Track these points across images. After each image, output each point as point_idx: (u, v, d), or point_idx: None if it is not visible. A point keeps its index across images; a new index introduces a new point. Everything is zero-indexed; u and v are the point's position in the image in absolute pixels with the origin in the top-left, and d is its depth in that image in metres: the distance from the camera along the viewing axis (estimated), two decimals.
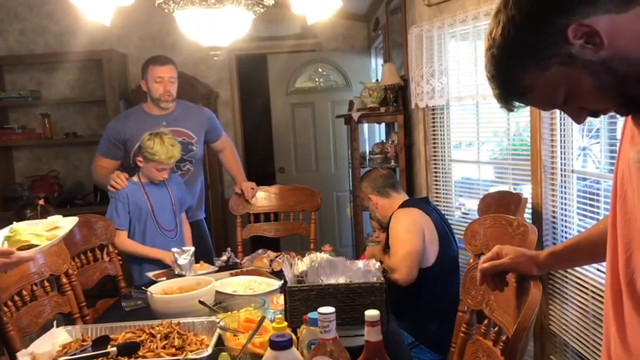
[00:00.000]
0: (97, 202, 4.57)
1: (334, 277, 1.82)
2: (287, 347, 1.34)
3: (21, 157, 4.99)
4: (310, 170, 5.28)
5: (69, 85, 4.88)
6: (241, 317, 1.77)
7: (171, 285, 2.22)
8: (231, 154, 3.47)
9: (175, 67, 3.16)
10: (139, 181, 2.86)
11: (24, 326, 1.97)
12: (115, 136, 3.12)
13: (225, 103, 5.13)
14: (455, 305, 2.42)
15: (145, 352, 1.66)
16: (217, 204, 4.81)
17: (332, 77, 5.20)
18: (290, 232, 3.41)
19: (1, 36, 4.85)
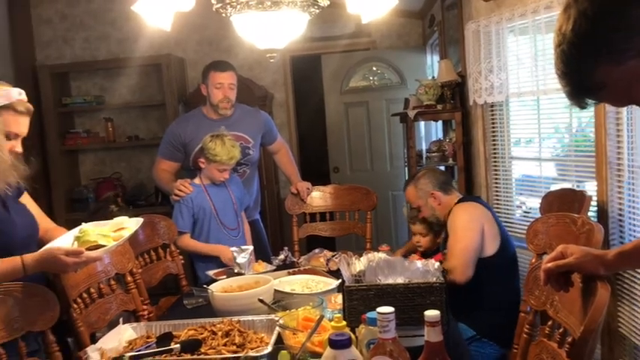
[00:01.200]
0: (159, 202, 4.70)
1: (392, 277, 1.81)
2: (346, 346, 1.34)
3: (86, 160, 5.19)
4: (365, 169, 5.27)
5: (130, 90, 5.04)
6: (300, 316, 1.78)
7: (231, 283, 2.26)
8: (286, 156, 3.51)
9: (235, 73, 3.20)
10: (201, 184, 2.93)
11: (92, 322, 2.04)
12: (175, 139, 3.20)
13: (280, 105, 5.18)
14: (515, 299, 2.37)
15: (206, 349, 1.70)
16: (273, 204, 4.86)
17: (386, 75, 5.16)
18: (346, 232, 3.42)
19: (67, 44, 5.05)
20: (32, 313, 1.63)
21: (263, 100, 4.71)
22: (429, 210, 2.75)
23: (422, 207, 2.77)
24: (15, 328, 1.59)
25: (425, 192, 2.74)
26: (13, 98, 1.80)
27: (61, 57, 5.04)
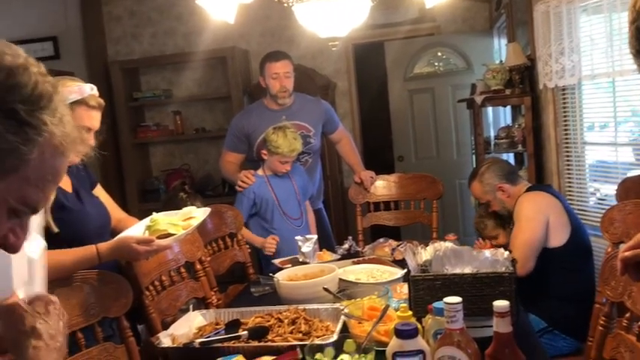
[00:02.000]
0: (226, 192, 4.79)
1: (460, 267, 1.77)
2: (413, 336, 1.33)
3: (156, 152, 5.36)
4: (431, 157, 5.18)
5: (196, 83, 5.15)
6: (365, 305, 1.78)
7: (297, 272, 2.28)
8: (349, 145, 3.50)
9: (290, 61, 3.22)
10: (264, 175, 2.98)
11: (163, 309, 2.11)
12: (239, 130, 3.27)
13: (342, 93, 5.16)
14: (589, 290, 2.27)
15: (273, 337, 1.72)
16: (337, 193, 4.87)
17: (452, 61, 5.04)
18: (411, 221, 3.37)
19: (136, 40, 5.22)
20: (107, 299, 1.70)
21: (325, 90, 4.71)
22: (498, 204, 2.67)
23: (491, 201, 2.69)
24: (91, 314, 1.66)
25: (492, 186, 2.65)
26: (86, 93, 1.87)
27: (131, 53, 5.21)
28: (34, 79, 0.72)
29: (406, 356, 1.33)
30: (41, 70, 0.74)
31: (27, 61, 0.72)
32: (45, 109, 0.72)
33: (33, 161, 0.71)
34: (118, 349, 1.73)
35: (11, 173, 0.70)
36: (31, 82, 0.71)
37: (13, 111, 0.69)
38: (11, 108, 0.69)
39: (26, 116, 0.70)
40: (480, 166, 2.81)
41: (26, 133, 0.70)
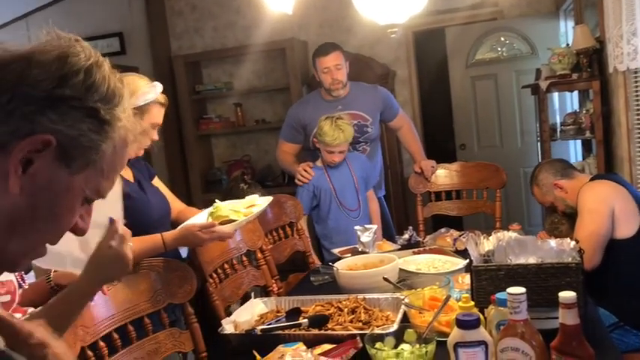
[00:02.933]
0: (285, 183, 4.84)
1: (524, 257, 1.72)
2: (475, 326, 1.31)
3: (218, 143, 5.47)
4: (494, 146, 5.05)
5: (256, 75, 5.22)
6: (426, 295, 1.76)
7: (356, 261, 2.28)
8: (409, 132, 3.44)
9: (341, 52, 3.19)
10: (322, 165, 2.98)
11: (226, 296, 2.16)
12: (295, 121, 3.29)
13: (402, 82, 5.10)
14: None
15: (333, 325, 1.73)
16: (397, 183, 4.83)
17: (516, 46, 4.88)
18: (473, 211, 3.30)
19: (198, 34, 5.33)
20: (173, 286, 1.76)
21: (385, 78, 4.66)
22: (560, 202, 2.57)
23: (554, 202, 2.59)
24: (158, 300, 1.72)
25: (548, 186, 2.56)
26: (159, 92, 1.94)
27: (193, 47, 5.32)
28: (107, 76, 0.76)
29: (468, 347, 1.31)
30: (110, 66, 0.78)
31: (99, 59, 0.76)
32: (118, 105, 0.76)
33: (107, 155, 0.76)
34: (183, 335, 1.78)
35: (90, 167, 0.75)
36: (105, 80, 0.75)
37: (94, 110, 0.73)
38: (91, 107, 0.73)
39: (105, 115, 0.74)
40: (534, 170, 2.72)
41: (105, 131, 0.75)
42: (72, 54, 0.74)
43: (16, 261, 0.77)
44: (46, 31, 0.76)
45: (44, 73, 0.71)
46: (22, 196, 0.72)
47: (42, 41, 0.75)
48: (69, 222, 0.78)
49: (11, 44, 0.74)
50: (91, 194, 0.78)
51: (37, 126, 0.70)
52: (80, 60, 0.74)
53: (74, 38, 0.76)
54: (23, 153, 0.70)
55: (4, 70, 0.71)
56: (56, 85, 0.71)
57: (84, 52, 0.75)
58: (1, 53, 0.73)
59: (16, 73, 0.71)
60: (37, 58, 0.72)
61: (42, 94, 0.71)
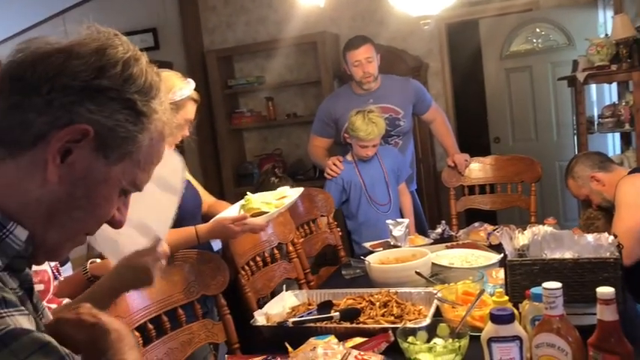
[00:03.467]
0: (317, 177, 4.84)
1: (559, 252, 1.68)
2: (509, 321, 1.29)
3: (250, 137, 5.50)
4: (529, 139, 4.96)
5: (288, 69, 5.22)
6: (459, 290, 1.75)
7: (388, 255, 2.27)
8: (443, 125, 3.41)
9: (371, 45, 3.17)
10: (352, 160, 2.97)
11: (258, 289, 2.17)
12: (327, 115, 3.28)
13: (435, 74, 5.04)
14: None
15: (365, 319, 1.73)
16: (429, 176, 4.78)
17: (552, 37, 4.78)
18: (507, 205, 3.25)
19: (230, 28, 5.36)
20: (206, 278, 1.77)
21: (417, 71, 4.62)
22: (596, 196, 2.50)
23: (589, 195, 2.53)
24: (191, 291, 1.74)
25: (584, 178, 2.49)
26: (192, 89, 1.97)
27: (225, 41, 5.35)
28: (144, 69, 0.77)
29: (502, 342, 1.29)
30: (147, 60, 0.79)
31: (136, 53, 0.78)
32: (155, 98, 0.78)
33: (144, 147, 0.78)
34: (216, 326, 1.80)
35: (127, 158, 0.76)
36: (142, 73, 0.76)
37: (131, 101, 0.75)
38: (129, 98, 0.75)
39: (142, 106, 0.76)
40: (569, 162, 2.65)
41: (142, 123, 0.76)
42: (110, 46, 0.75)
43: (55, 250, 0.79)
44: (86, 25, 0.78)
45: (83, 65, 0.73)
46: (61, 185, 0.73)
47: (82, 35, 0.77)
48: (107, 212, 0.79)
49: (53, 38, 0.76)
50: (127, 186, 0.79)
51: (76, 116, 0.72)
52: (118, 52, 0.75)
53: (113, 32, 0.78)
54: (62, 143, 0.72)
55: (45, 62, 0.72)
56: (94, 77, 0.73)
57: (122, 46, 0.76)
58: (43, 46, 0.74)
59: (56, 65, 0.72)
60: (76, 50, 0.74)
61: (80, 84, 0.72)
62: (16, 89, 0.72)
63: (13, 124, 0.72)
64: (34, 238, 0.75)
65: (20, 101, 0.72)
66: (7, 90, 0.73)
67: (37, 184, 0.73)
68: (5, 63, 0.75)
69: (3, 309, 0.64)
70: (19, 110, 0.72)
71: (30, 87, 0.72)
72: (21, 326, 0.64)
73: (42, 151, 0.72)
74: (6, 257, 0.72)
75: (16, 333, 0.62)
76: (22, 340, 0.62)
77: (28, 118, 0.72)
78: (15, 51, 0.75)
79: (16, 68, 0.73)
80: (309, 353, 1.37)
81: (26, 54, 0.74)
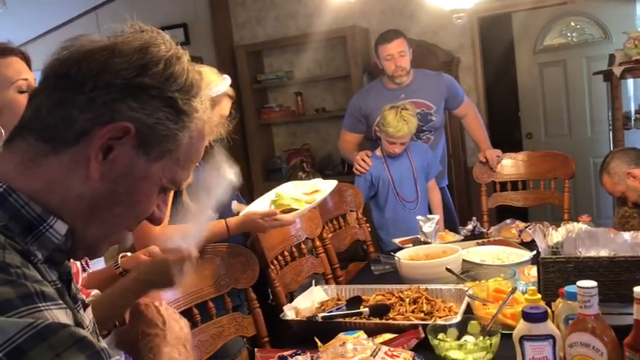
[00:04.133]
0: (345, 172, 4.83)
1: (595, 250, 1.65)
2: (542, 319, 1.27)
3: (279, 132, 5.52)
4: (562, 135, 4.87)
5: (317, 64, 5.21)
6: (490, 287, 1.72)
7: (418, 252, 2.25)
8: (475, 120, 3.36)
9: (404, 39, 3.14)
10: (381, 155, 2.96)
11: (287, 283, 2.18)
12: (357, 111, 3.27)
13: (466, 69, 4.98)
14: None
15: (394, 315, 1.72)
16: (460, 172, 4.73)
17: (587, 30, 4.67)
18: (540, 202, 3.20)
19: (259, 24, 5.37)
20: (236, 271, 1.79)
21: (448, 65, 4.57)
22: (633, 193, 2.44)
23: (625, 192, 2.47)
24: (222, 284, 1.75)
25: (620, 174, 2.43)
26: (228, 85, 1.98)
27: (255, 36, 5.37)
28: (186, 68, 0.78)
29: (535, 340, 1.27)
30: (188, 58, 0.80)
31: (178, 51, 0.78)
32: (196, 96, 0.79)
33: (184, 145, 0.78)
34: (246, 319, 1.81)
35: (166, 156, 0.77)
36: (184, 72, 0.77)
37: (172, 99, 0.76)
38: (170, 97, 0.75)
39: (182, 105, 0.76)
40: (605, 158, 2.59)
41: (182, 121, 0.77)
42: (153, 45, 0.76)
43: (95, 246, 0.80)
44: (129, 23, 0.79)
45: (125, 63, 0.74)
46: (102, 182, 0.74)
47: (125, 33, 0.77)
48: (146, 209, 0.80)
49: (97, 36, 0.77)
50: (167, 183, 0.80)
51: (118, 114, 0.73)
52: (160, 51, 0.76)
53: (156, 30, 0.79)
54: (104, 140, 0.73)
55: (88, 60, 0.73)
56: (137, 74, 0.74)
57: (165, 44, 0.77)
58: (87, 44, 0.76)
59: (99, 62, 0.73)
60: (119, 48, 0.74)
61: (123, 82, 0.73)
62: (61, 86, 0.74)
63: (57, 121, 0.73)
64: (74, 234, 0.76)
65: (64, 98, 0.73)
66: (52, 87, 0.74)
67: (79, 180, 0.74)
68: (50, 60, 0.76)
69: (42, 303, 0.65)
70: (63, 107, 0.73)
71: (74, 84, 0.73)
72: (58, 320, 0.64)
73: (84, 147, 0.73)
74: (46, 250, 0.74)
75: (53, 327, 0.63)
76: (59, 334, 0.63)
77: (71, 115, 0.73)
78: (60, 48, 0.76)
79: (61, 65, 0.75)
80: (338, 348, 1.37)
81: (71, 51, 0.75)
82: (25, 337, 0.61)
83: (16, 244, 0.69)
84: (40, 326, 0.62)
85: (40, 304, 0.64)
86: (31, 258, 0.70)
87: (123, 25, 0.79)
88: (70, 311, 0.70)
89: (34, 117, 0.74)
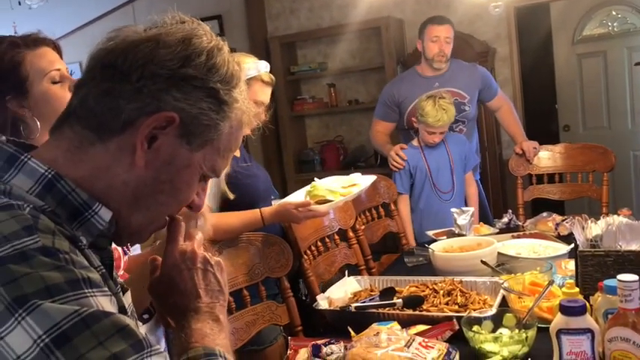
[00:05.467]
0: (378, 164, 4.81)
1: (635, 243, 1.61)
2: (580, 313, 1.25)
3: (312, 124, 5.52)
4: (601, 127, 4.75)
5: (351, 55, 5.19)
6: (526, 280, 1.70)
7: (452, 244, 2.23)
8: (509, 113, 3.31)
9: (452, 28, 3.13)
10: (418, 145, 2.93)
11: (320, 273, 2.19)
12: (390, 99, 3.25)
13: (502, 60, 4.89)
14: None
15: (428, 307, 1.71)
16: (495, 165, 4.66)
17: (629, 20, 4.54)
18: (577, 195, 3.13)
19: (293, 15, 5.37)
20: (270, 260, 1.80)
21: (484, 56, 4.50)
22: None
23: None
24: (256, 273, 1.77)
25: None
26: (262, 70, 1.98)
27: (289, 28, 5.37)
28: (227, 59, 0.79)
29: (572, 334, 1.25)
30: (228, 49, 0.81)
31: (219, 42, 0.80)
32: (236, 87, 0.80)
33: (224, 135, 0.80)
34: (280, 308, 1.83)
35: (208, 145, 0.79)
36: (225, 63, 0.79)
37: (214, 90, 0.77)
38: (212, 87, 0.77)
39: (224, 95, 0.78)
40: None
41: (224, 111, 0.78)
42: (195, 36, 0.78)
43: (139, 232, 0.83)
44: (171, 15, 0.80)
45: (170, 54, 0.75)
46: (147, 170, 0.76)
47: (167, 24, 0.79)
48: (188, 196, 0.82)
49: (140, 26, 0.79)
50: (207, 172, 0.81)
51: (163, 104, 0.75)
52: (203, 42, 0.77)
53: (197, 22, 0.81)
54: (149, 129, 0.75)
55: (134, 50, 0.75)
56: (181, 65, 0.75)
57: (206, 35, 0.79)
58: (132, 34, 0.77)
59: (145, 53, 0.75)
60: (163, 39, 0.76)
61: (168, 73, 0.75)
62: (108, 76, 0.75)
63: (104, 110, 0.75)
64: (118, 220, 0.78)
65: (111, 88, 0.75)
66: (98, 77, 0.76)
67: (124, 168, 0.76)
68: (95, 50, 0.78)
69: (88, 289, 0.66)
70: (110, 97, 0.75)
71: (121, 74, 0.75)
72: (103, 308, 0.66)
73: (130, 136, 0.75)
74: (90, 236, 0.76)
75: (97, 315, 0.64)
76: (103, 322, 0.64)
77: (118, 105, 0.74)
78: (105, 39, 0.78)
79: (107, 56, 0.76)
80: (372, 338, 1.37)
81: (117, 42, 0.77)
82: (71, 324, 0.62)
83: (65, 229, 0.71)
84: (85, 314, 0.63)
85: (86, 290, 0.66)
86: (79, 244, 0.72)
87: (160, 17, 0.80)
88: (113, 297, 0.71)
89: (81, 106, 0.76)
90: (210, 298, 0.85)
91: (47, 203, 0.72)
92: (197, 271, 0.86)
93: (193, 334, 0.78)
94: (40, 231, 0.66)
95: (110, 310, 0.67)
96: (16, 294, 0.62)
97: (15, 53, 1.29)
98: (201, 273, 0.86)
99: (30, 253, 0.64)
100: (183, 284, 0.84)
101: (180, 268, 0.85)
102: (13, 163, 0.74)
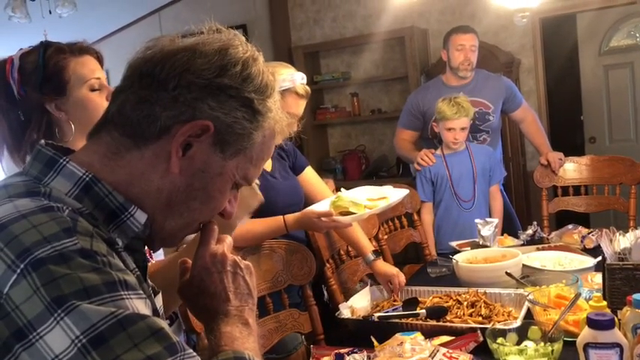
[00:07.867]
0: (400, 174, 4.80)
1: None
2: (609, 327, 1.23)
3: (334, 133, 5.53)
4: (628, 140, 4.69)
5: (374, 65, 5.19)
6: (552, 293, 1.68)
7: (476, 255, 2.21)
8: (534, 124, 3.29)
9: (477, 37, 3.15)
10: (441, 154, 2.92)
11: (343, 282, 2.19)
12: (414, 107, 3.26)
13: (527, 71, 4.86)
14: None
15: (452, 318, 1.70)
16: (519, 176, 4.61)
17: None
18: (604, 208, 3.09)
19: (317, 24, 5.40)
20: (293, 268, 1.80)
21: (509, 67, 4.47)
22: None
23: None
24: (279, 280, 1.77)
25: None
26: (297, 82, 1.97)
27: (312, 37, 5.40)
28: (261, 69, 0.81)
29: (600, 348, 1.23)
30: (263, 60, 0.82)
31: (254, 53, 0.81)
32: (270, 97, 0.81)
33: (257, 144, 0.81)
34: (302, 316, 1.83)
35: (241, 154, 0.80)
36: (260, 73, 0.80)
37: (249, 100, 0.78)
38: (247, 97, 0.78)
39: (258, 105, 0.79)
40: None
41: (257, 120, 0.80)
42: (231, 46, 0.79)
43: (172, 237, 0.84)
44: (207, 25, 0.82)
45: (207, 63, 0.77)
46: (181, 177, 0.78)
47: (205, 34, 0.81)
48: (220, 204, 0.83)
49: (178, 36, 0.81)
50: (239, 180, 0.83)
51: (198, 112, 0.76)
52: (239, 52, 0.79)
53: (233, 32, 0.82)
54: (184, 137, 0.76)
55: (172, 59, 0.77)
56: (217, 75, 0.77)
57: (242, 46, 0.80)
58: (169, 44, 0.79)
59: (182, 62, 0.77)
60: (200, 49, 0.78)
61: (204, 82, 0.76)
62: (145, 84, 0.77)
63: (140, 118, 0.77)
64: (152, 225, 0.80)
65: (148, 96, 0.76)
66: (136, 84, 0.78)
67: (159, 174, 0.78)
68: (133, 59, 0.80)
69: (124, 291, 0.67)
70: (147, 104, 0.76)
71: (157, 83, 0.76)
72: (138, 310, 0.67)
73: (166, 143, 0.77)
74: (126, 238, 0.78)
75: (133, 317, 0.65)
76: (138, 325, 0.65)
77: (154, 112, 0.76)
78: (144, 48, 0.80)
79: (145, 64, 0.78)
80: (396, 347, 1.36)
81: (154, 51, 0.79)
82: (107, 326, 0.63)
83: (102, 232, 0.72)
84: (121, 316, 0.64)
85: (122, 292, 0.67)
86: (115, 246, 0.74)
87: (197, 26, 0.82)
88: (148, 300, 0.72)
89: (119, 113, 0.78)
90: (240, 302, 0.85)
91: (85, 205, 0.74)
92: (227, 274, 0.86)
93: (223, 338, 0.79)
94: (78, 233, 0.68)
95: (145, 313, 0.68)
96: (56, 294, 0.63)
97: (60, 58, 1.34)
98: (230, 276, 0.86)
99: (69, 254, 0.65)
100: (213, 287, 0.85)
101: (211, 270, 0.85)
102: (53, 166, 0.76)
